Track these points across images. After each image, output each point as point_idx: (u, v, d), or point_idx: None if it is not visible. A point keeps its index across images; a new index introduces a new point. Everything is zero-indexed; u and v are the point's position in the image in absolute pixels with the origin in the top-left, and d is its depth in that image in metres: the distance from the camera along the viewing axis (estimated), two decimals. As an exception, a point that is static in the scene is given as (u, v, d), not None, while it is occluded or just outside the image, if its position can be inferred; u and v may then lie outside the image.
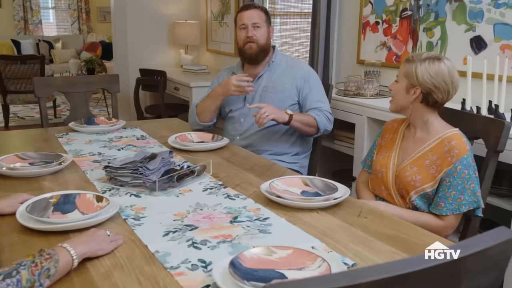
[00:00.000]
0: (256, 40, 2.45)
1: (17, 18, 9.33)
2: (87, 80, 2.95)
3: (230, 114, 2.58)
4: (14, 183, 1.74)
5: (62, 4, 9.95)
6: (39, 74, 6.05)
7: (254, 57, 2.47)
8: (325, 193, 1.63)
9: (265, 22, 2.48)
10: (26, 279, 0.99)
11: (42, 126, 2.79)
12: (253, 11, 2.47)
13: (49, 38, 9.29)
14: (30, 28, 9.48)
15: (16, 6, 9.30)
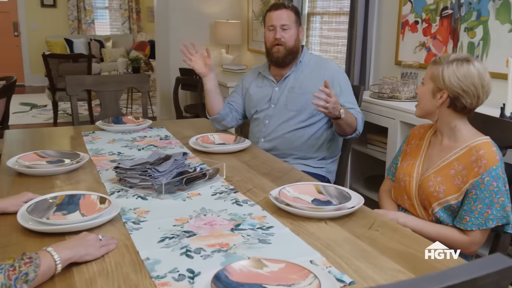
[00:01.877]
0: (284, 42, 2.36)
1: (71, 18, 9.64)
2: (118, 79, 2.97)
3: (255, 115, 2.52)
4: (29, 181, 1.76)
5: (114, 4, 10.20)
6: (86, 73, 6.21)
7: (281, 60, 2.39)
8: (337, 202, 1.54)
9: (294, 23, 2.39)
10: (1, 283, 0.97)
11: (73, 123, 2.82)
12: (282, 12, 2.39)
13: (100, 37, 9.54)
14: (83, 28, 9.77)
15: (70, 6, 9.61)
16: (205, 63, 2.40)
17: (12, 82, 4.11)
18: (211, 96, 2.46)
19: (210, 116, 2.52)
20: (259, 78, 2.54)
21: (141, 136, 2.44)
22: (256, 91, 2.51)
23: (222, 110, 2.48)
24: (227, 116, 2.51)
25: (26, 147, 2.20)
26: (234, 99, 2.59)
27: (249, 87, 2.55)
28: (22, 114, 6.87)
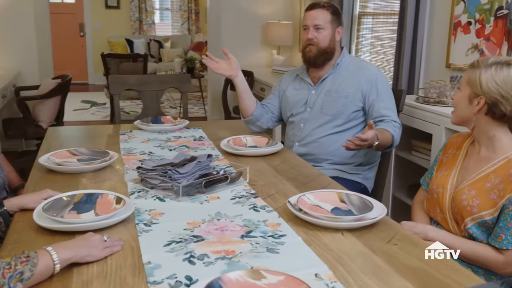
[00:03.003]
0: (316, 43, 2.29)
1: (133, 19, 9.93)
2: (160, 79, 3.00)
3: (291, 118, 2.46)
4: (56, 178, 1.79)
5: (174, 5, 10.41)
6: (142, 72, 6.36)
7: (312, 61, 2.32)
8: (358, 212, 1.46)
9: (329, 23, 2.31)
10: (-6, 281, 0.98)
11: (115, 122, 2.88)
12: (317, 12, 2.31)
13: (160, 38, 9.77)
14: (144, 28, 10.03)
15: (132, 8, 9.89)
16: (229, 65, 2.37)
17: (67, 81, 4.26)
18: (243, 97, 2.43)
19: (244, 118, 2.49)
20: (297, 81, 2.48)
21: (176, 136, 2.45)
22: (293, 94, 2.46)
23: (255, 111, 2.44)
24: (261, 117, 2.47)
25: (64, 144, 2.25)
26: (270, 100, 2.54)
27: (286, 89, 2.50)
28: (82, 111, 7.14)
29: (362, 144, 1.90)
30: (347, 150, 1.97)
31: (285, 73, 2.61)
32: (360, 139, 1.86)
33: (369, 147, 1.98)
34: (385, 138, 2.08)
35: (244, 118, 2.50)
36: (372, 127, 1.89)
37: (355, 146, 1.91)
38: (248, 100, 2.44)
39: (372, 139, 1.91)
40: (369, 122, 1.90)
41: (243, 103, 2.44)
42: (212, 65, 2.41)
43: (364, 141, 1.87)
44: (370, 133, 1.88)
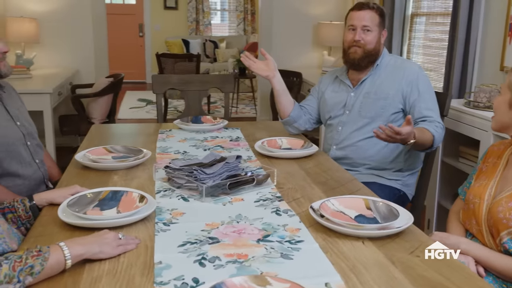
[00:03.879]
0: (363, 44, 2.22)
1: (190, 20, 10.11)
2: (202, 79, 3.02)
3: (329, 121, 2.40)
4: (89, 174, 1.84)
5: (230, 6, 10.51)
6: (195, 72, 6.46)
7: (357, 63, 2.25)
8: (383, 220, 1.40)
9: (377, 26, 2.23)
10: (4, 274, 1.01)
11: (157, 120, 2.92)
12: (366, 13, 2.24)
13: (215, 38, 9.89)
14: (200, 29, 10.19)
15: (190, 9, 10.07)
16: (267, 65, 2.35)
17: (119, 80, 4.39)
18: (280, 98, 2.40)
19: (282, 119, 2.46)
20: (336, 83, 2.42)
21: (213, 136, 2.45)
22: (331, 96, 2.40)
23: (292, 112, 2.41)
24: (298, 119, 2.43)
25: (105, 141, 2.30)
26: (308, 102, 2.50)
27: (325, 91, 2.45)
28: (137, 109, 7.33)
29: (393, 137, 1.82)
30: (377, 138, 1.89)
31: (324, 74, 2.56)
32: (393, 131, 1.79)
33: (403, 143, 1.90)
34: (424, 137, 1.99)
35: (282, 119, 2.47)
36: (410, 123, 1.82)
37: (385, 136, 1.84)
38: (285, 101, 2.41)
39: (407, 135, 1.83)
40: (407, 117, 1.82)
41: (280, 104, 2.42)
42: (250, 64, 2.39)
43: (397, 134, 1.80)
44: (406, 128, 1.81)
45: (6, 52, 1.89)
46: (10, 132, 1.91)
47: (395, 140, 1.86)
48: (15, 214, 1.47)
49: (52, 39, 4.94)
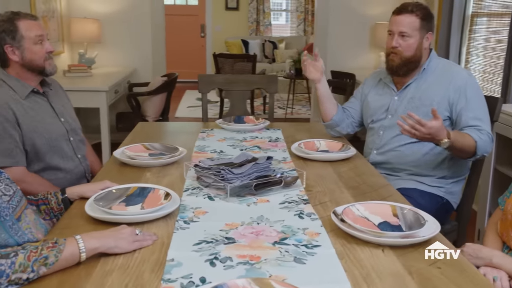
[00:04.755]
0: (400, 51, 2.13)
1: (250, 20, 10.19)
2: (247, 79, 3.03)
3: (371, 124, 2.33)
4: (125, 170, 1.89)
5: (291, 7, 10.49)
6: (251, 72, 6.50)
7: (394, 70, 2.17)
8: (407, 229, 1.35)
9: (417, 31, 2.13)
10: (19, 263, 1.05)
11: (202, 120, 2.96)
12: (404, 17, 2.14)
13: (275, 39, 9.91)
14: (260, 30, 10.24)
15: (251, 9, 10.15)
16: (316, 68, 2.31)
17: (173, 79, 4.49)
18: (323, 101, 2.36)
19: (324, 122, 2.43)
20: (380, 85, 2.35)
21: (252, 136, 2.45)
22: (375, 99, 2.33)
23: (335, 115, 2.36)
24: (341, 122, 2.39)
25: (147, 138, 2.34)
26: (351, 105, 2.45)
27: (368, 93, 2.38)
28: (195, 108, 7.47)
29: (420, 130, 1.77)
30: (403, 133, 1.83)
31: (369, 76, 2.49)
32: (419, 123, 1.73)
33: (437, 143, 1.83)
34: (464, 142, 1.90)
35: (324, 122, 2.43)
36: (437, 117, 1.76)
37: (409, 128, 1.78)
38: (328, 105, 2.37)
39: (436, 131, 1.77)
40: (432, 109, 1.76)
41: (323, 107, 2.38)
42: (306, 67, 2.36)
43: (423, 127, 1.75)
44: (433, 123, 1.75)
45: (51, 52, 1.98)
46: (54, 128, 2.00)
47: (423, 136, 1.79)
48: (48, 206, 1.54)
49: (113, 39, 5.13)
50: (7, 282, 1.04)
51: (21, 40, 1.90)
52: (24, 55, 1.91)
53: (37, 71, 1.96)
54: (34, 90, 1.98)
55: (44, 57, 1.96)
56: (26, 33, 1.91)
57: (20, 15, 1.94)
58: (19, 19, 1.92)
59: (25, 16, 1.95)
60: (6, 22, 1.90)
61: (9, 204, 1.26)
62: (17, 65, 1.93)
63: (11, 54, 1.91)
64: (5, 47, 1.90)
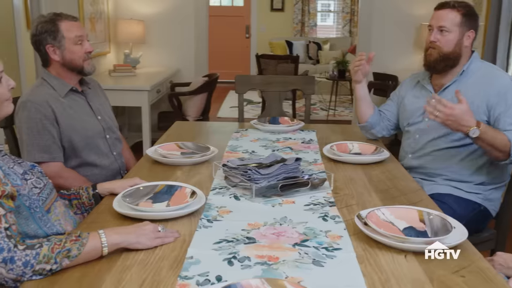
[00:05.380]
0: (439, 46, 2.08)
1: (295, 21, 10.17)
2: (284, 80, 3.03)
3: (407, 128, 2.28)
4: (157, 168, 1.93)
5: (337, 7, 10.40)
6: (293, 73, 6.49)
7: (432, 65, 2.12)
8: (433, 235, 1.31)
9: (457, 26, 2.07)
10: (43, 254, 1.09)
11: (239, 120, 2.98)
12: (445, 12, 2.09)
13: (319, 40, 9.84)
14: (305, 31, 10.21)
15: (296, 10, 10.14)
16: (363, 70, 2.27)
17: (214, 79, 4.54)
18: (361, 103, 2.33)
19: (360, 124, 2.39)
20: (417, 88, 2.30)
21: (286, 137, 2.45)
22: (411, 102, 2.27)
23: (371, 118, 2.33)
24: (376, 125, 2.35)
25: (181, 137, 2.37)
26: (388, 107, 2.40)
27: (405, 96, 2.33)
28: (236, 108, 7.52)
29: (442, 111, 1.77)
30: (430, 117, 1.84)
31: (407, 78, 2.44)
32: (441, 102, 1.74)
33: (466, 134, 1.81)
34: (496, 137, 1.86)
35: (359, 124, 2.40)
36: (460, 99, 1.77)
37: (431, 109, 1.79)
38: (364, 107, 2.34)
39: (461, 114, 1.77)
40: (455, 91, 1.78)
41: (359, 109, 2.36)
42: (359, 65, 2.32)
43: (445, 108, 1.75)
44: (459, 105, 1.77)
45: (90, 52, 2.04)
46: (91, 125, 2.06)
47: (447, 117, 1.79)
48: (79, 200, 1.60)
49: (157, 39, 5.23)
50: (31, 272, 1.08)
51: (62, 40, 1.97)
52: (64, 55, 1.98)
53: (76, 71, 2.03)
54: (73, 88, 2.05)
55: (83, 57, 2.02)
56: (67, 33, 1.98)
57: (62, 16, 2.01)
58: (60, 20, 1.99)
59: (66, 17, 2.02)
60: (48, 23, 1.98)
61: (39, 196, 1.32)
62: (58, 65, 2.01)
63: (52, 53, 1.98)
64: (46, 47, 1.98)
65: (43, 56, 2.02)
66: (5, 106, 1.31)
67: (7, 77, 1.30)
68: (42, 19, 2.01)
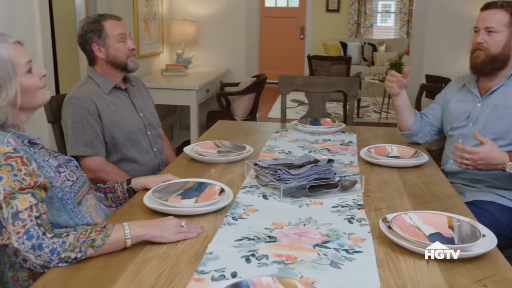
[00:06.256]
0: (486, 48, 2.00)
1: (351, 22, 10.04)
2: (327, 81, 3.01)
3: (450, 132, 2.21)
4: (193, 166, 1.97)
5: (394, 8, 10.18)
6: (345, 74, 6.42)
7: (478, 68, 2.04)
8: (460, 242, 1.27)
9: (505, 27, 1.98)
10: (69, 243, 1.15)
11: (281, 121, 2.99)
12: (492, 12, 2.01)
13: (375, 41, 9.66)
14: (361, 32, 10.06)
15: (352, 11, 10.01)
16: (399, 84, 2.21)
17: (262, 80, 4.57)
18: (401, 113, 2.27)
19: (401, 131, 2.34)
20: (463, 91, 2.22)
21: (325, 139, 2.44)
22: (456, 106, 2.20)
23: (413, 126, 2.27)
24: (418, 132, 2.29)
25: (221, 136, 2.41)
26: (431, 111, 2.33)
27: (450, 99, 2.26)
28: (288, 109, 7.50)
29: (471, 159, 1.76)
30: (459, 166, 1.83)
31: (452, 81, 2.36)
32: (465, 150, 1.71)
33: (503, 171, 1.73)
34: None
35: (401, 131, 2.35)
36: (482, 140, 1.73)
37: (460, 160, 1.78)
38: (405, 116, 2.28)
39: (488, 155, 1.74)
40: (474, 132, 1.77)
41: (400, 118, 2.29)
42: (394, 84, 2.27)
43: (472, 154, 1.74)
44: (482, 148, 1.72)
45: (133, 49, 2.11)
46: (132, 122, 2.14)
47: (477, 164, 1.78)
48: (114, 194, 1.66)
49: (209, 40, 5.33)
50: (58, 259, 1.14)
51: (106, 38, 2.05)
52: (108, 52, 2.07)
53: (120, 67, 2.11)
54: (116, 86, 2.14)
55: (127, 54, 2.10)
56: (111, 31, 2.06)
57: (106, 16, 2.10)
58: (104, 20, 2.08)
59: (109, 16, 2.10)
60: (93, 23, 2.07)
61: (71, 189, 1.38)
62: (103, 62, 2.10)
63: (98, 51, 2.07)
64: (92, 46, 2.07)
65: (89, 55, 2.11)
66: (40, 94, 1.37)
67: (37, 66, 1.36)
68: (87, 20, 2.10)
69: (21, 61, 1.31)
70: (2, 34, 1.31)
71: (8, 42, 1.29)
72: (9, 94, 1.27)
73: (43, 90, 1.39)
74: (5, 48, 1.28)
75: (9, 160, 1.20)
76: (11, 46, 1.29)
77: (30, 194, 1.19)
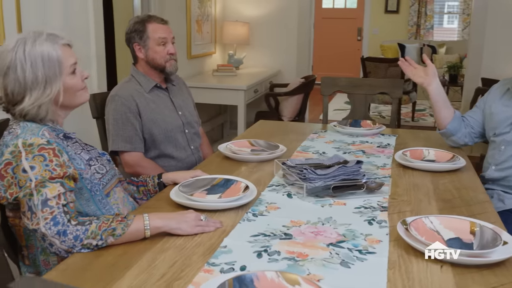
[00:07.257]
0: None
1: (410, 23, 9.78)
2: (371, 83, 2.97)
3: (493, 138, 2.13)
4: (224, 163, 2.02)
5: (456, 9, 9.84)
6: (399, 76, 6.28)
7: None
8: (479, 248, 1.24)
9: None
10: (91, 231, 1.23)
11: (323, 122, 2.99)
12: None
13: (434, 43, 9.36)
14: (421, 33, 9.79)
15: (411, 12, 9.76)
16: (426, 72, 2.18)
17: (311, 81, 4.57)
18: (437, 108, 2.22)
19: (439, 130, 2.29)
20: (507, 95, 2.13)
21: (362, 141, 2.42)
22: (500, 111, 2.12)
23: (450, 124, 2.21)
24: (456, 132, 2.22)
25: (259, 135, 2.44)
26: (472, 114, 2.27)
27: (492, 104, 2.18)
28: (341, 111, 7.44)
29: None
30: None
31: (495, 84, 2.28)
32: None
33: None
34: None
35: (439, 130, 2.30)
36: None
37: None
38: (442, 112, 2.23)
39: None
40: None
41: (438, 114, 2.25)
42: (407, 70, 2.29)
43: None
44: None
45: (173, 54, 2.18)
46: (171, 119, 2.21)
47: None
48: (145, 187, 1.73)
49: (260, 41, 5.39)
50: (80, 245, 1.22)
51: (147, 40, 2.14)
52: (147, 54, 2.16)
53: (158, 69, 2.19)
54: (157, 85, 2.22)
55: (166, 58, 2.17)
56: (152, 34, 2.14)
57: (152, 18, 2.18)
58: (149, 22, 2.16)
59: (155, 19, 2.19)
60: (139, 23, 2.16)
61: (100, 181, 1.46)
62: (143, 62, 2.19)
63: (138, 51, 2.17)
64: (134, 45, 2.16)
65: (132, 53, 2.21)
66: (80, 95, 1.47)
67: (81, 69, 1.46)
68: (136, 19, 2.20)
69: (67, 62, 1.41)
70: (54, 35, 1.41)
71: (58, 43, 1.40)
72: (53, 91, 1.37)
73: (83, 91, 1.48)
74: (55, 49, 1.38)
75: (42, 151, 1.29)
76: (61, 48, 1.40)
77: (59, 184, 1.27)
